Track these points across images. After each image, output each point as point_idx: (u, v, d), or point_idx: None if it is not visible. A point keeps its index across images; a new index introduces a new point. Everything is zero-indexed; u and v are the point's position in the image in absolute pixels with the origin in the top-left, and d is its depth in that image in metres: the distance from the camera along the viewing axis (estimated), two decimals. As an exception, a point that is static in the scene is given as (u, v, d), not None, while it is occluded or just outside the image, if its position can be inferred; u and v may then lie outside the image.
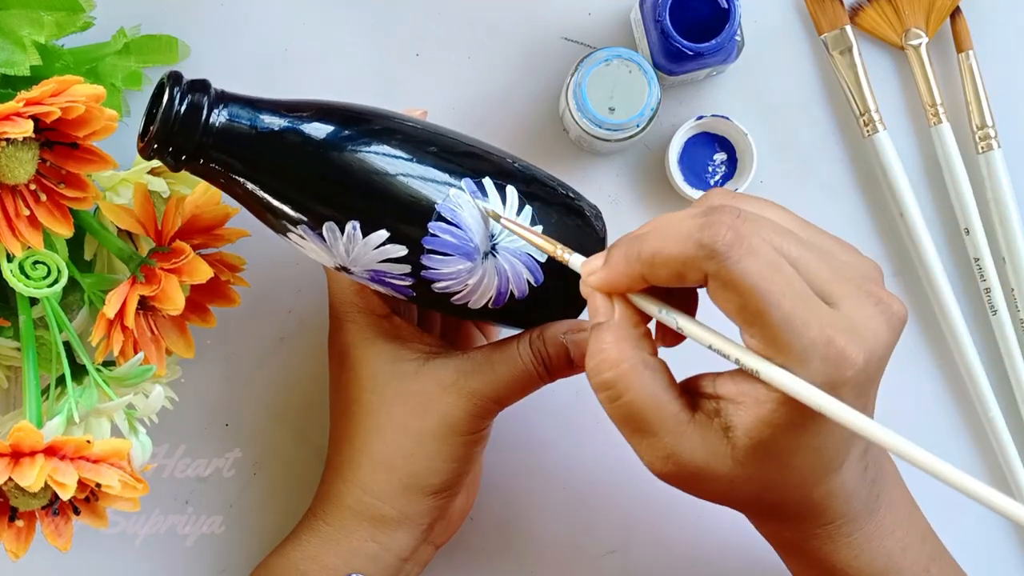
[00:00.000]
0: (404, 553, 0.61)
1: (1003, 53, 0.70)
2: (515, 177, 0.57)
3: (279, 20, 0.70)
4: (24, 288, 0.55)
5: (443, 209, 0.54)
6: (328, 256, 0.55)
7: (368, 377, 0.60)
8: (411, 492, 0.60)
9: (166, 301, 0.56)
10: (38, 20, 0.59)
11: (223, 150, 0.53)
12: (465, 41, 0.70)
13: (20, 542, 0.55)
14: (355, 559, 0.60)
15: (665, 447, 0.50)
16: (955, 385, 0.70)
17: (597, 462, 0.70)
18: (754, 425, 0.48)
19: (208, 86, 0.53)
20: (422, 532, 0.61)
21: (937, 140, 0.69)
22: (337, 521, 0.61)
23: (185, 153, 0.52)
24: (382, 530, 0.60)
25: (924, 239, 0.69)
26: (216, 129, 0.52)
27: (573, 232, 0.58)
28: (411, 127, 0.56)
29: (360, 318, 0.60)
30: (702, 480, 0.50)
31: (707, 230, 0.46)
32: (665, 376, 0.50)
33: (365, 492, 0.60)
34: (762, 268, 0.46)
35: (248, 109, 0.53)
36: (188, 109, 0.52)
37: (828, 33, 0.69)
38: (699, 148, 0.69)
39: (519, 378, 0.59)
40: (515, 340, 0.59)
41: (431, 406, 0.58)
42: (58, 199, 0.55)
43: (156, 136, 0.52)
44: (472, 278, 0.55)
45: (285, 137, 0.53)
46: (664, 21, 0.64)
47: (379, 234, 0.54)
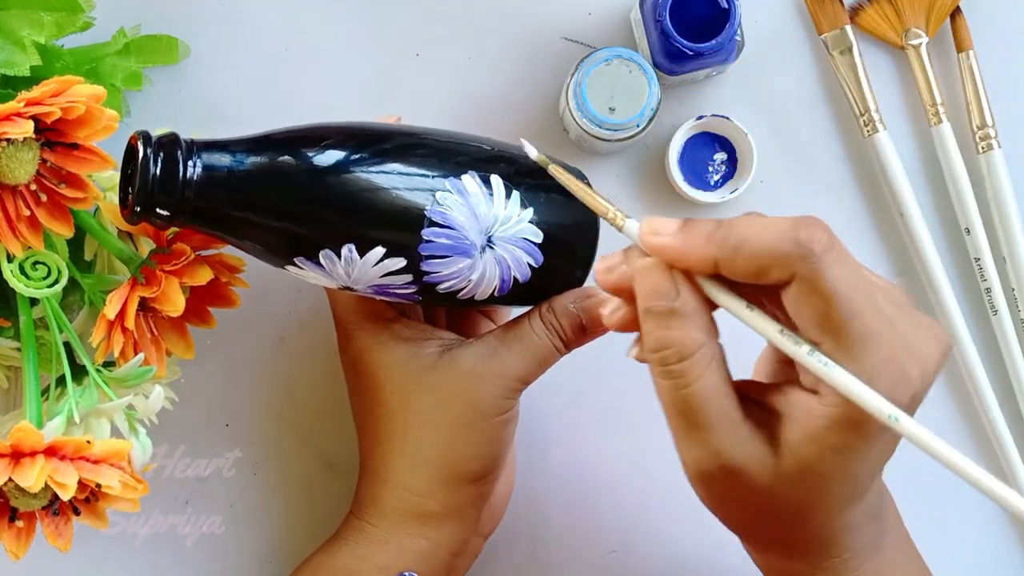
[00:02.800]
0: (454, 547, 0.61)
1: (1003, 53, 0.70)
2: (496, 164, 0.56)
3: (279, 20, 0.70)
4: (24, 288, 0.55)
5: (433, 214, 0.54)
6: (330, 280, 0.55)
7: (387, 380, 0.59)
8: (452, 483, 0.59)
9: (166, 303, 0.56)
10: (38, 20, 0.59)
11: (206, 201, 0.52)
12: (465, 41, 0.70)
13: (20, 542, 0.55)
14: (406, 556, 0.60)
15: (714, 444, 0.48)
16: (955, 385, 0.70)
17: (597, 462, 0.70)
18: (802, 441, 0.48)
19: (178, 139, 0.53)
20: (469, 523, 0.61)
21: (937, 140, 0.69)
22: (383, 522, 0.60)
23: (170, 212, 0.52)
24: (430, 525, 0.60)
25: (924, 239, 0.69)
26: (195, 182, 0.52)
27: (564, 206, 0.57)
28: (385, 137, 0.55)
29: (368, 325, 0.60)
30: (739, 487, 0.49)
31: (804, 231, 0.46)
32: (727, 372, 0.49)
33: (407, 491, 0.60)
34: (850, 278, 0.46)
35: (221, 154, 0.53)
36: (164, 168, 0.52)
37: (828, 33, 0.69)
38: (699, 148, 0.69)
39: (537, 354, 0.58)
40: (526, 318, 0.59)
41: (456, 395, 0.58)
42: (58, 199, 0.55)
43: (138, 202, 0.52)
44: (474, 273, 0.56)
45: (265, 174, 0.53)
46: (664, 21, 0.64)
47: (376, 251, 0.54)
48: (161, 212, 0.52)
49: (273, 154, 0.53)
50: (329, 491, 0.69)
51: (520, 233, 0.56)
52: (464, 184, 0.55)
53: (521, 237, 0.56)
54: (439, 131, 0.58)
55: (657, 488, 0.69)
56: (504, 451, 0.61)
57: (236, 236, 0.54)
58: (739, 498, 0.50)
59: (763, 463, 0.48)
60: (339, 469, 0.69)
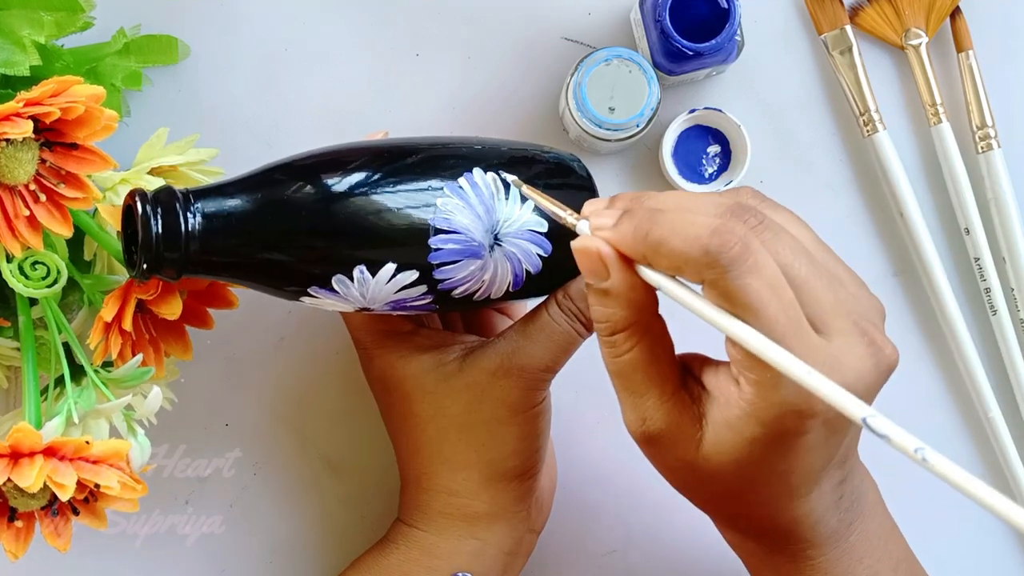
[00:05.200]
0: (507, 546, 0.61)
1: (1003, 53, 0.70)
2: (490, 163, 0.57)
3: (279, 20, 0.70)
4: (24, 288, 0.55)
5: (437, 222, 0.54)
6: (346, 304, 0.55)
7: (416, 390, 0.59)
8: (495, 482, 0.60)
9: (163, 306, 0.56)
10: (38, 20, 0.59)
11: (212, 249, 0.52)
12: (465, 41, 0.70)
13: (19, 542, 0.55)
14: (458, 558, 0.60)
15: (641, 410, 0.50)
16: (955, 385, 0.70)
17: (597, 462, 0.70)
18: (722, 426, 0.48)
19: (174, 192, 0.52)
20: (519, 520, 0.61)
21: (937, 140, 0.69)
22: (431, 526, 0.60)
23: (178, 266, 0.52)
24: (480, 526, 0.60)
25: (924, 239, 0.69)
26: (199, 233, 0.52)
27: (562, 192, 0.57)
28: (377, 155, 0.55)
29: (388, 342, 0.60)
30: (666, 455, 0.50)
31: (716, 238, 0.45)
32: (667, 341, 0.50)
33: (451, 495, 0.60)
34: (761, 289, 0.45)
35: (218, 199, 0.53)
36: (166, 225, 0.51)
37: (828, 33, 0.69)
38: (693, 141, 0.69)
39: (560, 341, 0.58)
40: (543, 307, 0.59)
41: (485, 395, 0.58)
42: (58, 199, 0.55)
43: (145, 262, 0.52)
44: (486, 274, 0.56)
45: (264, 211, 0.53)
46: (664, 21, 0.64)
47: (387, 268, 0.54)
48: (168, 270, 0.52)
49: (270, 191, 0.53)
50: (329, 491, 0.69)
51: (525, 225, 0.56)
52: (462, 187, 0.55)
53: (527, 229, 0.56)
54: (426, 139, 0.58)
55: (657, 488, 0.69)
56: (542, 443, 0.61)
57: (247, 278, 0.54)
58: (671, 466, 0.51)
59: (687, 436, 0.49)
60: (339, 469, 0.70)
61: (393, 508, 0.65)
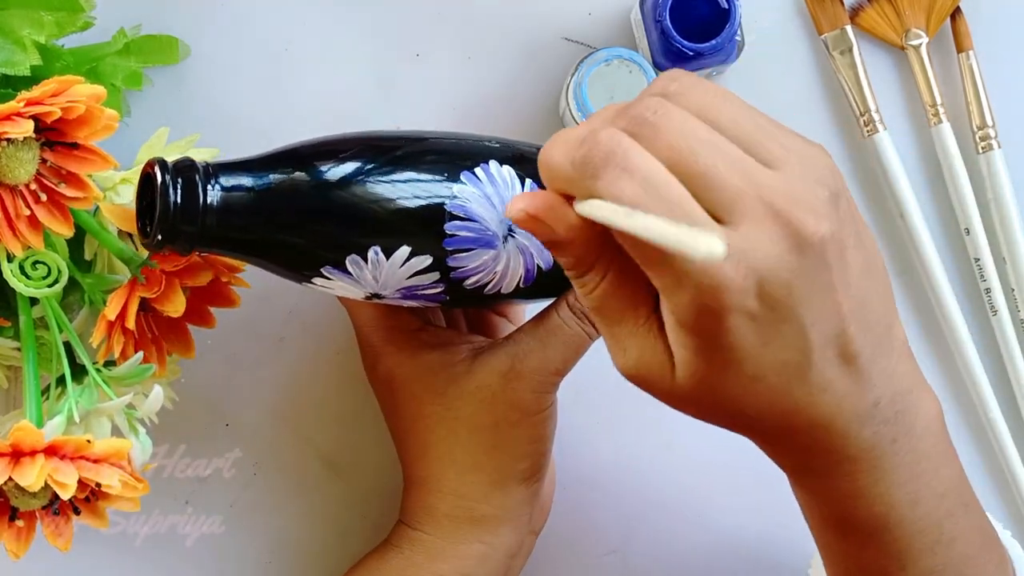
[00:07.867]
0: (511, 549, 0.61)
1: (1003, 53, 0.70)
2: (504, 155, 0.57)
3: (279, 20, 0.70)
4: (24, 288, 0.55)
5: (453, 207, 0.54)
6: (358, 288, 0.55)
7: (423, 390, 0.59)
8: (503, 484, 0.59)
9: (167, 303, 0.56)
10: (38, 20, 0.59)
11: (228, 225, 0.52)
12: (465, 41, 0.70)
13: (20, 542, 0.55)
14: (463, 563, 0.60)
15: (624, 338, 0.46)
16: (955, 385, 0.70)
17: (597, 462, 0.70)
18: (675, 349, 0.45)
19: (194, 164, 0.52)
20: (523, 523, 0.61)
21: (937, 140, 0.69)
22: (437, 530, 0.60)
23: (193, 239, 0.52)
24: (485, 529, 0.60)
25: (924, 239, 0.69)
26: (216, 206, 0.52)
27: None
28: (396, 142, 0.56)
29: (396, 338, 0.60)
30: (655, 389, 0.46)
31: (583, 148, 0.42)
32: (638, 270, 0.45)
33: (459, 497, 0.60)
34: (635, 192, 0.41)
35: (238, 175, 0.52)
36: (184, 195, 0.51)
37: (828, 33, 0.69)
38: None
39: (570, 343, 0.58)
40: (553, 309, 0.59)
41: (496, 397, 0.58)
42: (58, 199, 0.55)
43: (160, 231, 0.51)
44: (499, 264, 0.56)
45: (284, 189, 0.53)
46: (664, 21, 0.64)
47: (402, 251, 0.54)
48: (184, 241, 0.52)
49: (291, 170, 0.53)
50: (329, 491, 0.69)
51: None
52: (479, 177, 0.55)
53: None
54: (443, 132, 0.58)
55: (657, 488, 0.69)
56: (548, 446, 0.61)
57: (260, 256, 0.54)
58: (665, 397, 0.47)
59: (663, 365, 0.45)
60: (339, 469, 0.69)
61: (394, 509, 0.65)
